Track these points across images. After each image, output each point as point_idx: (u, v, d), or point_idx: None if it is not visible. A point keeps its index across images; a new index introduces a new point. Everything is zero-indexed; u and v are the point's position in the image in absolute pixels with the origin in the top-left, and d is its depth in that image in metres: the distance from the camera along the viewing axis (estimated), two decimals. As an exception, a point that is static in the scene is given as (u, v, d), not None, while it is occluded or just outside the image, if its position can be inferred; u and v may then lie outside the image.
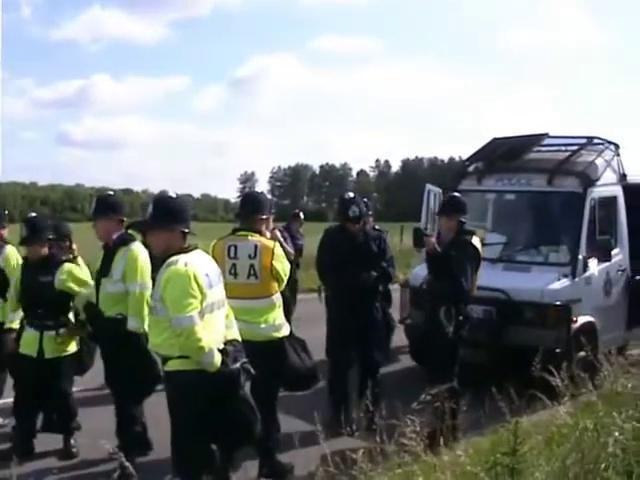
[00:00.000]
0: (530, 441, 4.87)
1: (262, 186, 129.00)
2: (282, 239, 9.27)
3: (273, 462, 6.31)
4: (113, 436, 6.42)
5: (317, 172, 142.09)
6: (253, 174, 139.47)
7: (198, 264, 4.95)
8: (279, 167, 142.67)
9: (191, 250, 5.03)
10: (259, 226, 6.41)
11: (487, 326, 8.59)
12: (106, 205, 6.77)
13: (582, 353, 7.85)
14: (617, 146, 9.90)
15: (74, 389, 7.32)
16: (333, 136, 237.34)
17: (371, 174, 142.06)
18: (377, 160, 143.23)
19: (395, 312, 9.85)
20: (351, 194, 7.99)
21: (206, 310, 4.90)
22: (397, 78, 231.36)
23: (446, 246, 7.33)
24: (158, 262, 5.13)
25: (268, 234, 8.91)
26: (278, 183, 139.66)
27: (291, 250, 9.71)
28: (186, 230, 5.06)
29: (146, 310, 6.26)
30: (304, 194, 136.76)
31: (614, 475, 4.30)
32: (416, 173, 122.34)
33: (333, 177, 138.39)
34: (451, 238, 7.34)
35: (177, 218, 5.04)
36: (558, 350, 7.97)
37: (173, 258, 4.90)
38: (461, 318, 7.06)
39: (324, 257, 8.01)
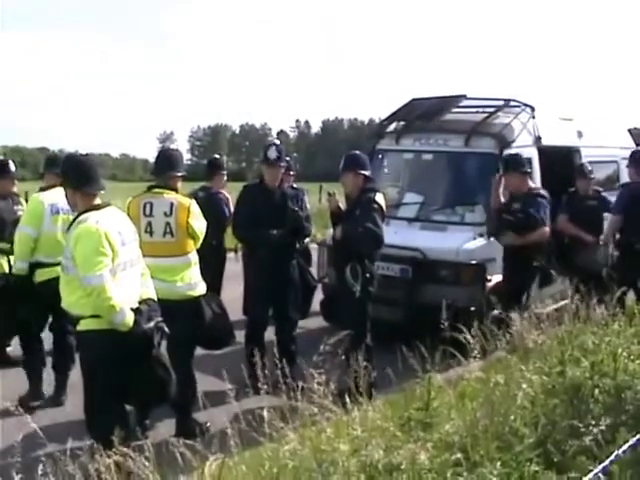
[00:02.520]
0: (443, 396, 4.97)
1: (182, 145, 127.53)
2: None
3: (190, 421, 6.30)
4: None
5: (237, 132, 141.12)
6: (172, 133, 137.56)
7: (110, 222, 4.88)
8: (199, 126, 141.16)
9: (103, 207, 4.94)
10: (174, 183, 6.33)
11: (404, 285, 8.67)
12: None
13: (496, 311, 7.98)
14: (533, 108, 10.00)
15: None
16: (253, 96, 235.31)
17: (291, 134, 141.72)
18: (297, 120, 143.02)
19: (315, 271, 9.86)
20: (277, 141, 8.02)
21: (118, 268, 4.83)
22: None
23: (351, 204, 7.33)
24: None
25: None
26: (198, 143, 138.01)
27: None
28: (92, 191, 4.97)
29: (27, 251, 6.78)
30: (224, 154, 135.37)
31: (522, 426, 4.41)
32: (336, 134, 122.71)
33: (253, 137, 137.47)
34: (356, 196, 7.30)
35: (83, 177, 4.95)
36: (473, 308, 8.08)
37: (83, 216, 4.84)
38: (368, 275, 7.08)
39: (240, 213, 7.90)
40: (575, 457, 4.13)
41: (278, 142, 8.03)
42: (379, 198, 7.23)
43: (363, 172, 7.32)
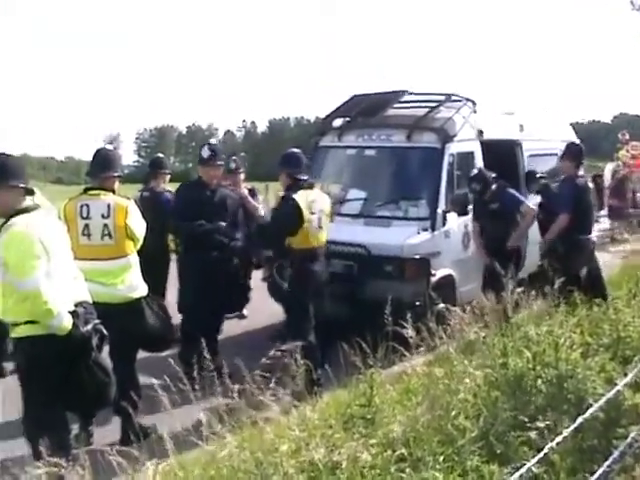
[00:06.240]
0: (386, 392, 4.94)
1: (128, 147, 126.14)
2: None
3: (134, 425, 6.18)
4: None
5: (184, 133, 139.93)
6: (119, 135, 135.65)
7: (40, 224, 4.74)
8: (145, 128, 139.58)
9: (32, 210, 4.79)
10: (111, 184, 6.21)
11: (348, 281, 8.64)
12: None
13: (441, 305, 7.98)
14: (474, 103, 10.05)
15: None
16: (200, 96, 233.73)
17: (238, 134, 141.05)
18: (244, 120, 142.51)
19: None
20: (213, 140, 8.08)
21: (52, 271, 4.69)
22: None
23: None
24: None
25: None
26: (144, 144, 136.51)
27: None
28: (23, 186, 4.81)
29: None
30: (171, 155, 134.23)
31: (464, 420, 4.40)
32: (282, 133, 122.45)
33: (200, 137, 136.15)
34: (283, 194, 7.46)
35: (16, 175, 4.79)
36: (417, 303, 8.08)
37: (12, 220, 4.68)
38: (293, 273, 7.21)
39: (177, 209, 7.93)
40: (518, 448, 4.14)
41: (213, 141, 8.08)
42: (299, 197, 7.22)
43: (290, 171, 7.40)
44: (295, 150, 7.80)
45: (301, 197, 7.22)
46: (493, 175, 9.17)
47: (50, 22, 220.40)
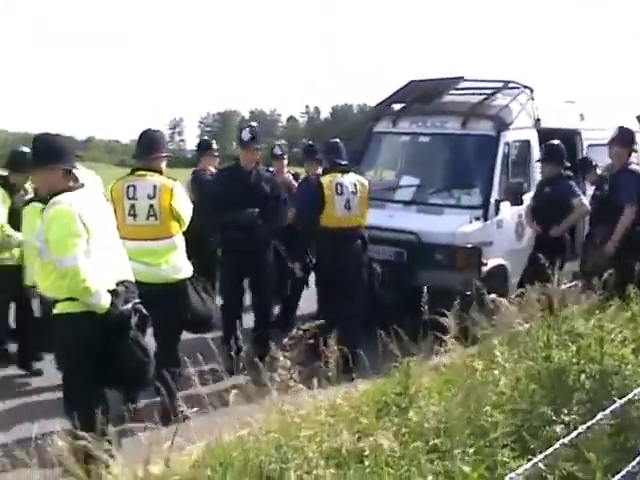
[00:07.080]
0: (423, 382, 4.86)
1: (192, 132, 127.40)
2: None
3: (175, 405, 6.19)
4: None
5: (247, 118, 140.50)
6: (182, 120, 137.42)
7: (84, 203, 4.78)
8: (208, 113, 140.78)
9: (76, 189, 4.83)
10: (158, 165, 6.23)
11: (398, 268, 8.56)
12: None
13: (492, 296, 7.82)
14: (532, 90, 9.85)
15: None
16: (263, 81, 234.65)
17: (300, 120, 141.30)
18: (307, 106, 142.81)
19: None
20: (254, 123, 8.12)
21: (93, 250, 4.73)
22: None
23: None
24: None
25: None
26: (207, 129, 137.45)
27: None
28: (68, 168, 4.85)
29: None
30: (233, 140, 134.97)
31: (498, 413, 4.30)
32: (345, 119, 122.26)
33: (262, 122, 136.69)
34: None
35: (58, 156, 4.82)
36: (467, 293, 7.95)
37: (56, 198, 4.73)
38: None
39: (210, 195, 7.95)
40: (551, 444, 4.02)
41: (255, 124, 8.12)
42: (324, 180, 7.68)
43: (330, 156, 7.91)
44: (336, 140, 8.25)
45: (325, 178, 7.59)
46: (567, 164, 8.92)
47: (50, 22, 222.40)
